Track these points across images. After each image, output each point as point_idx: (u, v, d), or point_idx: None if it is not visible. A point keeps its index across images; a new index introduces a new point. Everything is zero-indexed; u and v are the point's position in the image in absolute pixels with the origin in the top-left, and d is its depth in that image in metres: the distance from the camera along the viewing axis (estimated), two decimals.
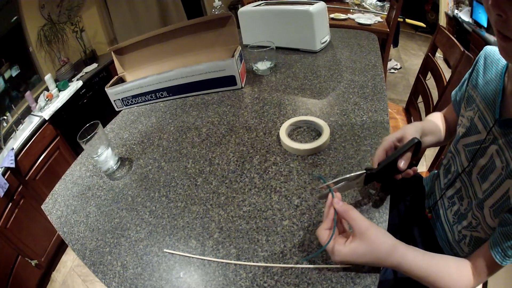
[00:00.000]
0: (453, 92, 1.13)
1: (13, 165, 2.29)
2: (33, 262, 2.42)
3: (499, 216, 0.78)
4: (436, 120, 1.18)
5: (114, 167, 1.21)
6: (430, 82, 1.91)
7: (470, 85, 0.98)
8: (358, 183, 0.87)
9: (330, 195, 0.77)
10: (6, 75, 2.78)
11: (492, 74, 0.89)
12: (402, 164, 0.85)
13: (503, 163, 0.77)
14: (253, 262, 0.82)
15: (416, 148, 0.88)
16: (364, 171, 0.85)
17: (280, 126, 1.22)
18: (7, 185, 2.23)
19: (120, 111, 1.67)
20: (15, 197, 2.34)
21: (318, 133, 1.18)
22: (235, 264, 0.83)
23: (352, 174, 0.84)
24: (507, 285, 1.69)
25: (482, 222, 0.86)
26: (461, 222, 0.96)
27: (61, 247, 2.82)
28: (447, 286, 0.76)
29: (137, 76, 1.59)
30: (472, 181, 0.90)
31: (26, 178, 2.48)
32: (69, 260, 2.78)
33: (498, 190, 0.78)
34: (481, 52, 0.96)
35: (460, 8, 4.42)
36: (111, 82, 1.64)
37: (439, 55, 3.99)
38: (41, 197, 2.49)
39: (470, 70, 1.01)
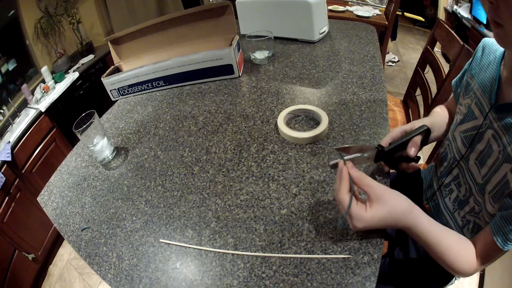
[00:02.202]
0: (453, 82, 1.14)
1: (9, 159, 2.28)
2: (30, 256, 2.41)
3: (499, 201, 0.79)
4: (442, 114, 1.19)
5: (110, 156, 1.20)
6: (428, 75, 1.90)
7: (468, 74, 1.00)
8: (369, 158, 0.89)
9: (341, 163, 0.78)
10: (3, 69, 2.76)
11: (489, 62, 0.91)
12: (412, 151, 0.90)
13: (500, 147, 0.78)
14: (251, 252, 0.81)
15: (425, 137, 0.93)
16: (376, 146, 0.88)
17: (278, 115, 1.21)
18: (4, 178, 2.21)
19: (116, 101, 1.65)
20: (11, 191, 2.33)
21: (317, 122, 1.17)
22: (233, 254, 0.82)
23: (365, 144, 0.90)
24: (504, 279, 1.69)
25: (483, 208, 0.86)
26: (463, 208, 0.97)
27: (57, 240, 2.81)
28: (453, 260, 0.79)
29: (134, 66, 1.57)
30: (470, 166, 0.91)
31: (23, 171, 2.46)
32: (66, 253, 2.78)
33: (496, 174, 0.79)
34: (479, 44, 0.98)
35: (459, 4, 4.41)
36: (107, 72, 1.62)
37: (437, 49, 3.97)
38: (37, 190, 2.46)
39: (469, 61, 1.03)
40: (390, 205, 0.73)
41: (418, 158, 0.95)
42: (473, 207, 0.92)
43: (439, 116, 1.17)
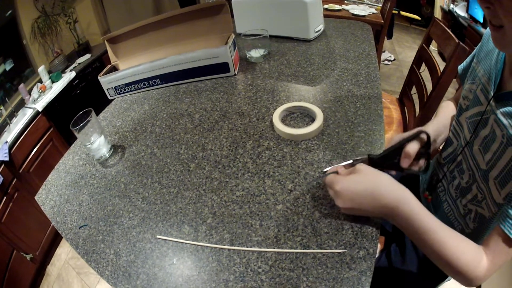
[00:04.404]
0: (460, 66, 1.14)
1: (7, 159, 2.28)
2: (28, 256, 2.41)
3: (505, 188, 0.77)
4: (450, 112, 1.17)
5: (107, 154, 1.20)
6: (424, 73, 1.91)
7: (475, 60, 1.01)
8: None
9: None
10: (0, 69, 2.76)
11: (494, 51, 0.91)
12: (404, 162, 0.88)
13: (503, 131, 0.77)
14: (247, 247, 0.82)
15: (427, 142, 0.90)
16: (367, 155, 0.88)
17: (273, 112, 1.21)
18: (1, 178, 2.21)
19: (113, 99, 1.66)
20: (9, 191, 2.32)
21: (312, 119, 1.18)
22: (229, 249, 0.82)
23: (354, 159, 0.88)
24: (502, 277, 1.70)
25: (487, 196, 0.85)
26: (465, 196, 0.96)
27: (55, 240, 2.81)
28: (458, 256, 0.72)
29: (131, 65, 1.57)
30: (474, 152, 0.91)
31: (20, 171, 2.46)
32: (64, 253, 2.78)
33: (501, 159, 0.78)
34: (486, 31, 0.98)
35: (456, 2, 4.42)
36: (104, 70, 1.62)
37: (433, 48, 3.99)
38: (35, 189, 2.44)
39: (477, 47, 1.03)
40: (370, 173, 0.77)
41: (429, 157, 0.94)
42: (476, 195, 0.91)
43: (446, 116, 1.15)
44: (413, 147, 0.87)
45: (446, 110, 1.17)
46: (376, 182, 0.75)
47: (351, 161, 0.86)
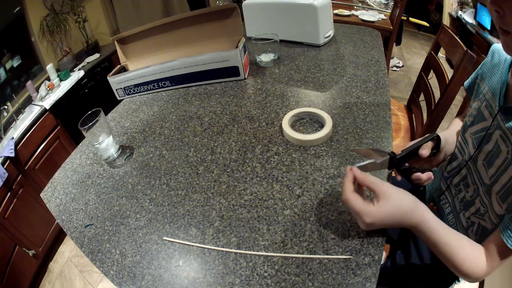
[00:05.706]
0: (465, 83, 1.15)
1: (12, 155, 2.29)
2: (31, 252, 2.41)
3: (506, 202, 0.79)
4: (459, 128, 1.17)
5: (115, 155, 1.20)
6: (432, 81, 1.90)
7: (479, 77, 1.02)
8: (383, 165, 0.88)
9: (348, 168, 0.80)
10: (8, 66, 2.77)
11: (498, 67, 0.92)
12: (424, 151, 0.92)
13: (508, 147, 0.78)
14: (254, 251, 0.82)
15: (437, 144, 0.96)
16: (389, 153, 0.88)
17: (283, 117, 1.21)
18: (6, 174, 2.22)
19: (121, 100, 1.66)
20: (14, 187, 2.33)
21: (321, 125, 1.18)
22: (236, 253, 0.82)
23: (378, 148, 0.92)
24: (504, 281, 1.69)
25: (489, 209, 0.87)
26: (469, 209, 0.97)
27: (58, 237, 2.82)
28: (462, 262, 0.78)
29: (140, 66, 1.58)
30: (478, 167, 0.92)
31: (26, 168, 2.47)
32: (67, 250, 2.78)
33: (504, 175, 0.80)
34: (490, 48, 1.00)
35: (464, 9, 4.42)
36: (113, 71, 1.63)
37: (441, 55, 3.98)
38: (40, 186, 2.48)
39: (480, 65, 1.04)
40: (396, 200, 0.73)
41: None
42: (479, 208, 0.92)
43: (456, 128, 1.16)
44: (430, 145, 0.94)
45: (454, 126, 1.18)
46: (402, 208, 0.74)
47: (372, 160, 0.85)
